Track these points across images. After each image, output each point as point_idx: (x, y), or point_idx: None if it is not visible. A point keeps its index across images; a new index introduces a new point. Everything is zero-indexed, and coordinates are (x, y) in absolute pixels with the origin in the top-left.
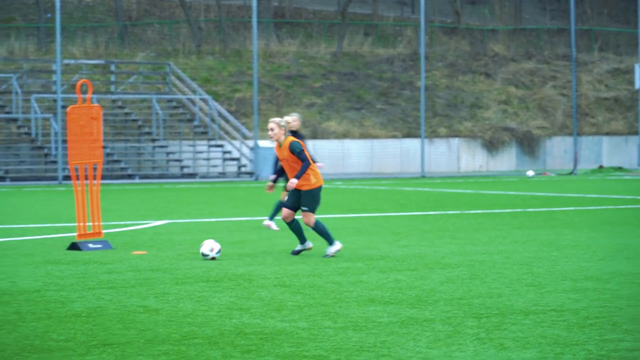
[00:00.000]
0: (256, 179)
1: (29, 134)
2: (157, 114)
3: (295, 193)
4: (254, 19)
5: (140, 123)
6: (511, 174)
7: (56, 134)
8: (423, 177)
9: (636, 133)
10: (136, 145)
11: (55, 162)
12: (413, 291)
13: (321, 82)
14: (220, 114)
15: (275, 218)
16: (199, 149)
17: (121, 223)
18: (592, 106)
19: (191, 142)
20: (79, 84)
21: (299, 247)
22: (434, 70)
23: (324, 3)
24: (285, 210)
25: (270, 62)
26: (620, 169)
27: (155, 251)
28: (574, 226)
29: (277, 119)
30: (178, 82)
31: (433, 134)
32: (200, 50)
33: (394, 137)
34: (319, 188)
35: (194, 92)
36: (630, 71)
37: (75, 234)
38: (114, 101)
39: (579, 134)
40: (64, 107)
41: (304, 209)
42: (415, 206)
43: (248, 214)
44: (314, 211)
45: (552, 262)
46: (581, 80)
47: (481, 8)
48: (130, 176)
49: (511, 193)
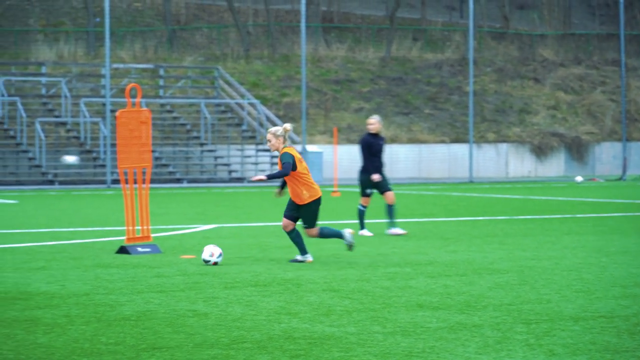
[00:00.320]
0: None
1: (77, 137)
2: (205, 118)
3: (294, 204)
4: (303, 24)
5: (188, 127)
6: (560, 179)
7: (105, 138)
8: (471, 182)
9: None
10: (184, 149)
11: (103, 166)
12: (462, 296)
13: (369, 87)
14: (268, 119)
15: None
16: (247, 153)
17: (170, 227)
18: None
19: (239, 147)
20: (128, 88)
21: (298, 257)
22: (482, 75)
23: (372, 8)
24: (284, 220)
25: (318, 66)
26: None
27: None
28: (623, 232)
29: (273, 128)
30: (226, 87)
31: (481, 139)
32: (249, 54)
33: (442, 142)
34: (315, 202)
35: (242, 96)
36: None
37: (124, 237)
38: (162, 105)
39: (628, 140)
40: (112, 111)
41: (304, 225)
42: (464, 211)
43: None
44: (313, 226)
45: (601, 269)
46: (630, 86)
47: (530, 13)
48: (178, 180)
49: (560, 199)
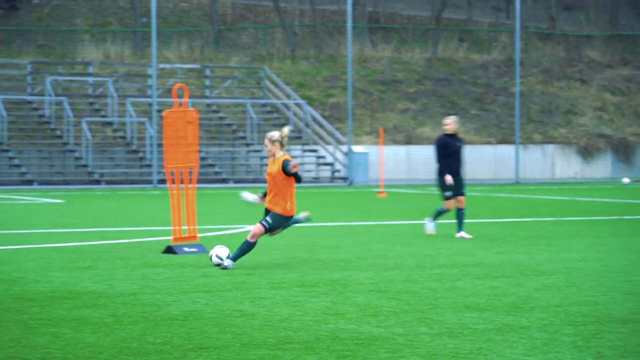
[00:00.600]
0: (350, 184)
1: (124, 137)
2: (251, 118)
3: (266, 211)
4: (349, 24)
5: (234, 127)
6: (606, 181)
7: (151, 137)
8: (517, 183)
9: None
10: (230, 149)
11: (150, 165)
12: (509, 298)
13: (415, 88)
14: (314, 119)
15: (462, 223)
16: (293, 153)
17: (216, 227)
18: None
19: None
20: (175, 88)
21: (224, 259)
22: (528, 76)
23: (418, 8)
24: (262, 228)
25: (364, 67)
26: None
27: (250, 255)
28: None
29: (270, 134)
30: (272, 87)
31: (527, 140)
32: (295, 55)
33: (488, 143)
34: (288, 217)
35: (288, 96)
36: None
37: (170, 237)
38: (208, 105)
39: None
40: (159, 111)
41: (263, 222)
42: (510, 212)
43: (342, 219)
44: (268, 231)
45: None
46: None
47: (576, 14)
48: (224, 180)
49: (607, 200)
